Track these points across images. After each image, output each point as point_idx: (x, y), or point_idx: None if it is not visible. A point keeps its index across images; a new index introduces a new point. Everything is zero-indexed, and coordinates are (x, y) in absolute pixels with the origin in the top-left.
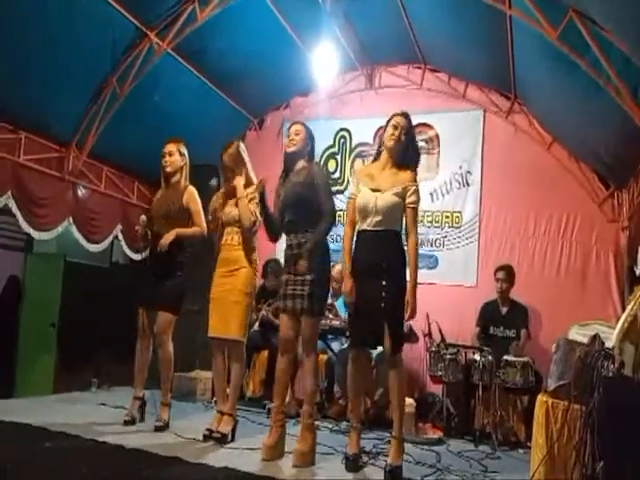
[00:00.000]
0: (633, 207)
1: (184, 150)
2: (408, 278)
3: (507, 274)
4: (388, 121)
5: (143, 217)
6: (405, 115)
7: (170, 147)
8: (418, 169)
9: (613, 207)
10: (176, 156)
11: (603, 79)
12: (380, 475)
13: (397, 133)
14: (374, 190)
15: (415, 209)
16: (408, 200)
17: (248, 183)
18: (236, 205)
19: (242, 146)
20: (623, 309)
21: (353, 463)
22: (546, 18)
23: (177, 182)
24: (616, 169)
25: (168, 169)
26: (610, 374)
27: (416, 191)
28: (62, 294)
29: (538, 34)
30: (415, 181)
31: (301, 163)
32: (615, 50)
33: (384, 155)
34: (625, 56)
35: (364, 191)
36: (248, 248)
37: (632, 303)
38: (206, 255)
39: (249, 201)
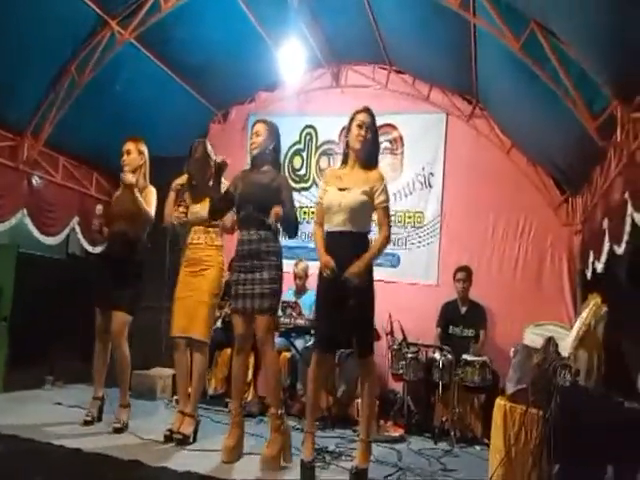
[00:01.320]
0: (586, 212)
1: (143, 148)
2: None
3: (467, 274)
4: (351, 120)
5: (99, 207)
6: (367, 111)
7: (129, 145)
8: (382, 169)
9: (567, 212)
10: (134, 155)
11: (561, 91)
12: (343, 475)
13: (363, 133)
14: (341, 189)
15: (385, 208)
16: (377, 200)
17: None
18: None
19: (209, 147)
20: (575, 310)
21: (309, 471)
22: (509, 28)
23: (136, 181)
24: (571, 176)
25: (126, 169)
26: (566, 383)
27: (384, 190)
28: (15, 286)
29: (501, 43)
30: (383, 180)
31: (266, 163)
32: (573, 63)
33: (351, 156)
34: (582, 69)
35: (331, 191)
36: (216, 247)
37: (586, 312)
38: (166, 252)
39: None
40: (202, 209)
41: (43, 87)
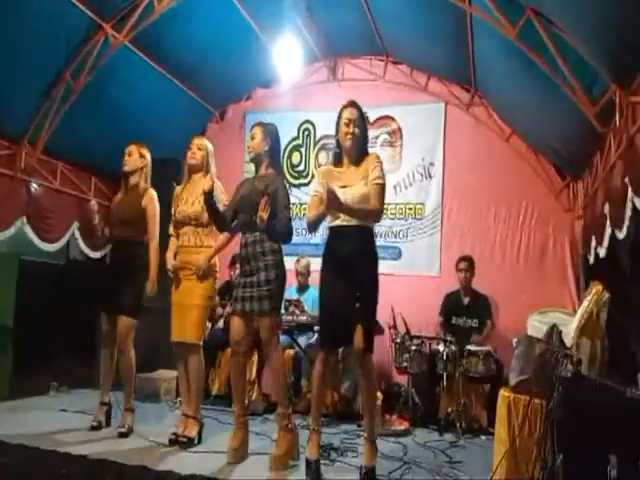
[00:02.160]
0: (587, 198)
1: (145, 152)
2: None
3: (469, 264)
4: (339, 116)
5: (93, 202)
6: (354, 104)
7: (130, 148)
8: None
9: (569, 197)
10: (135, 156)
11: (559, 78)
12: (349, 472)
13: (352, 129)
14: (343, 187)
15: (380, 185)
16: (371, 177)
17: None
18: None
19: (210, 147)
20: (579, 296)
21: (315, 471)
22: (505, 17)
23: (136, 184)
24: (571, 162)
25: (126, 168)
26: (569, 373)
27: (378, 167)
28: (16, 293)
29: (498, 31)
30: (378, 159)
31: (264, 165)
32: (571, 50)
33: (344, 154)
34: (580, 56)
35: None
36: (206, 248)
37: (588, 300)
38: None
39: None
40: (189, 207)
41: (39, 94)
